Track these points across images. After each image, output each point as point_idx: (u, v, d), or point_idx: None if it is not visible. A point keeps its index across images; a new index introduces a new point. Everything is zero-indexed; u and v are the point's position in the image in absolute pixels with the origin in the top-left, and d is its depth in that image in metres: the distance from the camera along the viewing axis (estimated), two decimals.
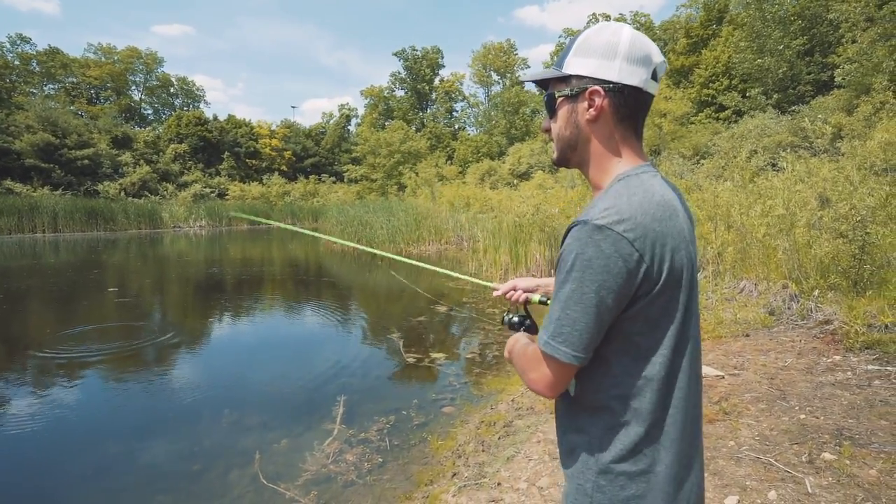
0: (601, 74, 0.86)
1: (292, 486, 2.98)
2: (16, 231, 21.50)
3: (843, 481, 2.40)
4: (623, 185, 0.85)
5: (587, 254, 0.78)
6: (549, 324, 0.84)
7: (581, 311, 0.79)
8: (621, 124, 0.89)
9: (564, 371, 0.85)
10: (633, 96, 0.87)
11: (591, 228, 0.78)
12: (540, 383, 0.88)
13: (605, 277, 0.77)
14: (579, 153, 0.93)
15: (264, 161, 44.48)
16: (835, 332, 4.49)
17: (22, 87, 36.79)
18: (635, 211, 0.79)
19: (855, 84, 14.91)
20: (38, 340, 6.38)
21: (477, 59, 49.19)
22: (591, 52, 0.87)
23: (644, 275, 0.79)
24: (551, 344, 0.83)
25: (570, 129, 0.92)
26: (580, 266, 0.79)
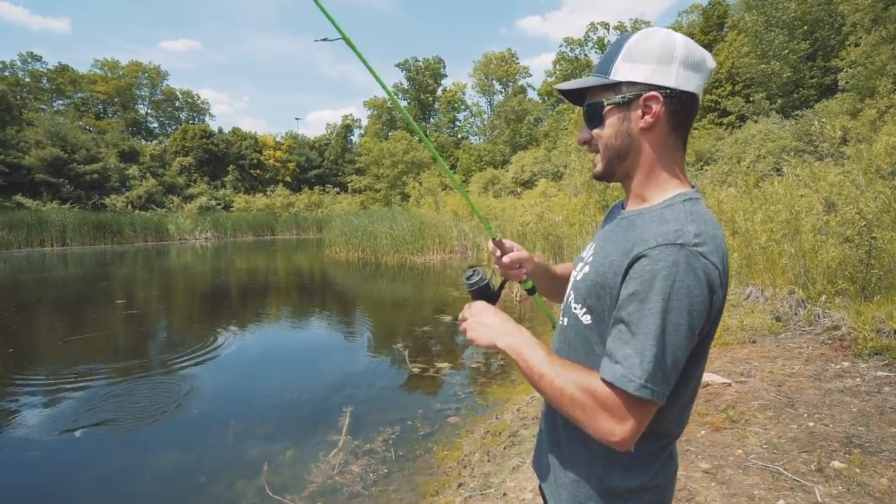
0: (657, 80, 0.81)
1: (298, 497, 2.98)
2: (25, 245, 21.73)
3: (854, 490, 2.37)
4: (692, 208, 0.80)
5: (686, 282, 0.72)
6: (642, 360, 0.72)
7: (675, 344, 0.73)
8: (674, 133, 0.85)
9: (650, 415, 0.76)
10: (689, 103, 0.84)
11: (690, 254, 0.73)
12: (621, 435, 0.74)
13: (700, 310, 0.73)
14: (628, 164, 0.87)
15: (269, 172, 44.84)
16: (843, 337, 4.45)
17: (32, 104, 37.42)
18: (718, 243, 0.77)
19: (859, 88, 14.89)
20: (48, 351, 6.43)
21: (479, 69, 49.55)
22: (644, 57, 0.82)
23: (717, 307, 0.77)
24: (649, 387, 0.72)
25: (620, 139, 0.86)
26: (678, 295, 0.72)
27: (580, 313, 0.90)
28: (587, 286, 0.88)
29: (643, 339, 0.73)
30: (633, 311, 0.74)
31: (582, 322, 0.89)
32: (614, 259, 0.82)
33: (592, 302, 0.86)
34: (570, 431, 0.92)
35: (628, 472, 0.87)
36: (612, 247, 0.86)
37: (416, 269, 14.02)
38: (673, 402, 0.82)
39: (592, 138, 0.90)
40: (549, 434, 0.99)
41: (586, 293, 0.88)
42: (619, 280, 0.79)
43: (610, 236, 0.90)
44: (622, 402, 0.74)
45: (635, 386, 0.73)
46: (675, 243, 0.74)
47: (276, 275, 14.96)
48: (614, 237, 0.88)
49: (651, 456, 0.87)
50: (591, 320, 0.87)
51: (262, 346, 6.53)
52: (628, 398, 0.74)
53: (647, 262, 0.74)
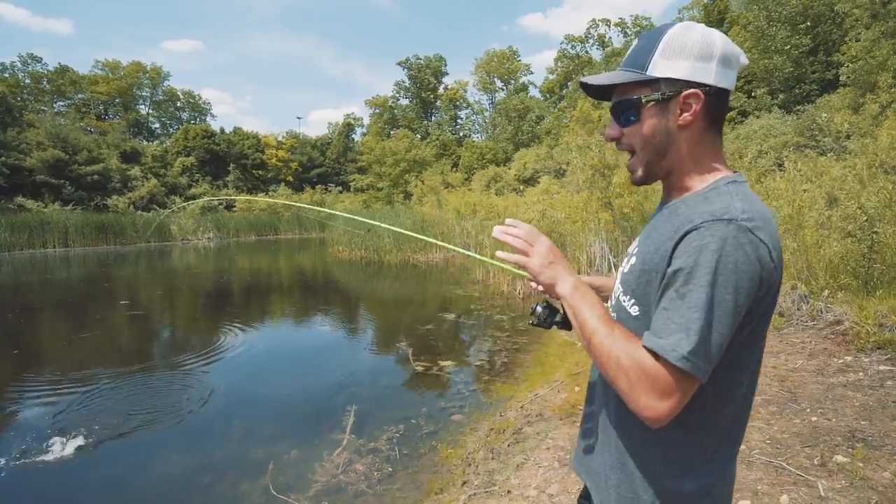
0: (698, 77, 0.80)
1: (303, 496, 3.00)
2: (27, 247, 21.79)
3: (857, 484, 2.38)
4: (737, 189, 0.80)
5: (734, 256, 0.71)
6: (688, 333, 0.71)
7: (721, 319, 0.72)
8: (710, 129, 0.85)
9: (692, 392, 0.74)
10: (725, 99, 0.84)
11: (738, 229, 0.72)
12: (656, 410, 0.73)
13: (748, 286, 0.72)
14: (668, 161, 0.86)
15: (270, 172, 44.88)
16: (846, 332, 4.45)
17: (33, 105, 37.52)
18: (767, 220, 0.76)
19: (860, 82, 14.82)
20: (52, 353, 6.46)
21: (480, 67, 49.49)
22: (684, 53, 0.80)
23: (767, 287, 0.75)
24: (692, 361, 0.71)
25: (660, 136, 0.84)
26: (725, 269, 0.71)
27: (628, 305, 0.89)
28: (635, 276, 0.88)
29: (689, 312, 0.72)
30: (680, 286, 0.74)
31: (630, 314, 0.88)
32: (660, 244, 0.82)
33: (640, 291, 0.86)
34: (623, 429, 0.90)
35: (685, 475, 0.84)
36: (656, 234, 0.86)
37: (419, 268, 14.04)
38: (731, 390, 0.81)
39: (622, 135, 0.88)
40: (601, 431, 0.96)
41: (634, 283, 0.88)
42: (666, 262, 0.78)
43: (655, 225, 0.91)
44: (665, 374, 0.72)
45: (677, 356, 0.71)
46: (722, 219, 0.73)
47: (278, 274, 15.00)
48: (658, 225, 0.88)
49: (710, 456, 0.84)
50: (639, 311, 0.86)
51: (265, 346, 6.56)
52: (671, 370, 0.72)
53: (694, 237, 0.74)
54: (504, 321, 7.28)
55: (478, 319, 7.59)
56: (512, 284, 9.55)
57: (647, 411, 0.73)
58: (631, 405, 0.75)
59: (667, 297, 0.76)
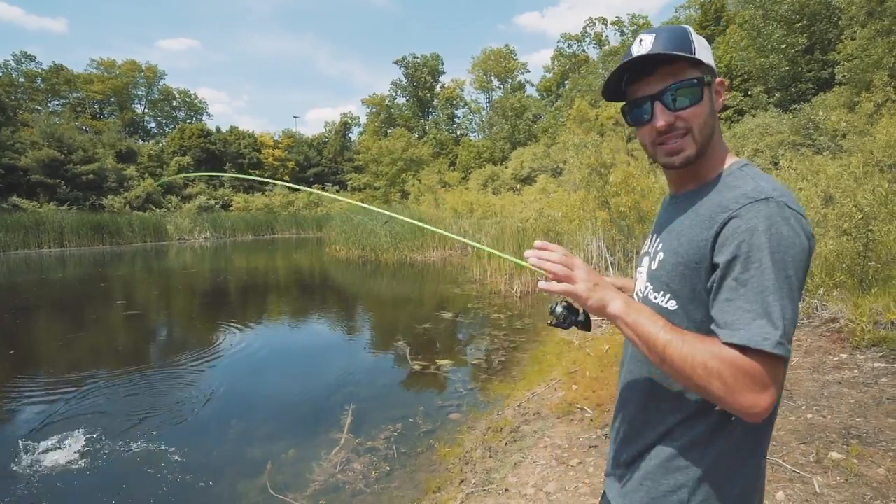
0: (714, 67, 0.87)
1: (301, 496, 3.00)
2: (22, 247, 21.68)
3: (852, 480, 2.39)
4: (752, 171, 0.84)
5: (784, 232, 0.72)
6: (770, 318, 0.70)
7: (790, 296, 0.71)
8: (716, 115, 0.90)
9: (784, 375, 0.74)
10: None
11: (778, 205, 0.73)
12: (765, 400, 0.70)
13: (803, 258, 0.73)
14: (709, 147, 0.88)
15: (267, 171, 44.72)
16: (841, 330, 4.48)
17: (27, 105, 37.28)
18: (792, 196, 0.78)
19: (855, 81, 14.89)
20: (49, 354, 6.43)
21: (477, 65, 49.46)
22: (704, 45, 0.87)
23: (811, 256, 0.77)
24: (784, 344, 0.70)
25: (712, 118, 0.87)
26: (780, 246, 0.71)
27: (664, 301, 0.87)
28: (668, 271, 0.87)
29: (760, 297, 0.70)
30: (739, 273, 0.72)
31: (667, 309, 0.86)
32: (693, 235, 0.82)
33: (677, 285, 0.85)
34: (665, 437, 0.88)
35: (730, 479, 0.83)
36: (683, 226, 0.86)
37: (416, 267, 14.04)
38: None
39: (676, 120, 0.86)
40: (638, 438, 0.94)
41: (668, 278, 0.87)
42: (709, 251, 0.78)
43: (675, 218, 0.91)
44: (762, 367, 0.70)
45: (771, 343, 0.69)
46: (759, 199, 0.74)
47: (276, 274, 14.97)
48: (681, 217, 0.89)
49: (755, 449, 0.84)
50: (678, 305, 0.85)
51: (263, 346, 6.55)
52: (767, 360, 0.70)
53: (739, 222, 0.74)
54: (501, 320, 7.29)
55: (475, 318, 7.60)
56: (509, 283, 9.56)
57: (753, 408, 0.70)
58: (731, 406, 0.72)
59: (726, 287, 0.74)
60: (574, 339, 5.56)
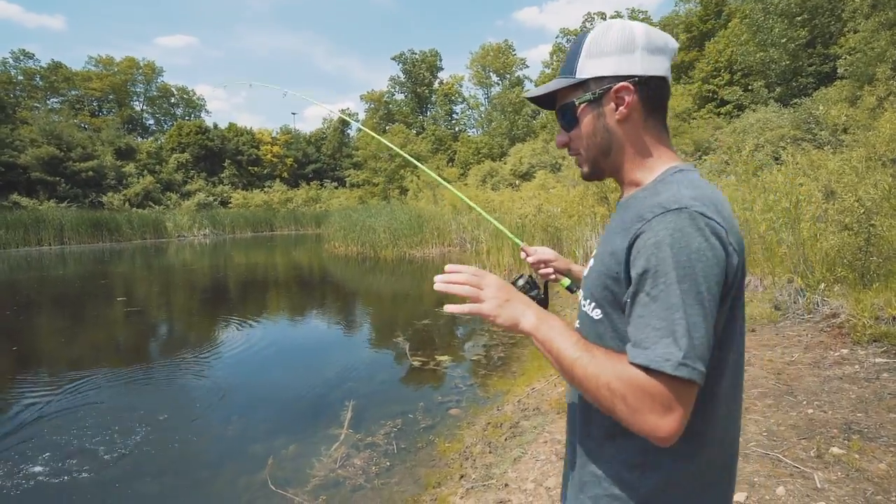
0: (624, 70, 0.80)
1: (301, 491, 2.99)
2: (22, 244, 21.69)
3: (853, 476, 2.39)
4: (685, 178, 0.78)
5: (695, 245, 0.67)
6: (674, 337, 0.66)
7: (702, 314, 0.66)
8: (651, 117, 0.84)
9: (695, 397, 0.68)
10: (660, 87, 0.83)
11: (691, 215, 0.68)
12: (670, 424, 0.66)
13: (717, 271, 0.68)
14: (613, 159, 0.86)
15: (266, 168, 44.68)
16: (842, 325, 4.47)
17: (26, 102, 37.20)
18: (717, 204, 0.73)
19: (858, 74, 14.82)
20: (50, 350, 6.43)
21: (475, 61, 49.24)
22: (606, 50, 0.81)
23: (734, 271, 0.71)
24: (688, 366, 0.65)
25: (600, 135, 0.84)
26: (689, 259, 0.66)
27: (589, 309, 0.85)
28: (592, 279, 0.85)
29: (667, 314, 0.67)
30: (649, 289, 0.69)
31: (592, 318, 0.85)
32: (615, 245, 0.78)
33: (599, 294, 0.82)
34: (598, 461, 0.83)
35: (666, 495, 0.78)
36: (610, 234, 0.84)
37: (415, 263, 14.02)
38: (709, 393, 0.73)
39: (571, 140, 0.89)
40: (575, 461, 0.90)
41: (592, 286, 0.85)
42: (623, 264, 0.75)
43: (609, 225, 0.89)
44: (663, 388, 0.66)
45: (672, 365, 0.65)
46: (671, 209, 0.70)
47: (275, 270, 14.96)
48: (612, 225, 0.86)
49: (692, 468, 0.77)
50: (601, 314, 0.82)
51: (262, 342, 6.54)
52: (669, 381, 0.66)
53: (649, 234, 0.70)
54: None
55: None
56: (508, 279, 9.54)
57: (658, 431, 0.66)
58: (637, 429, 0.68)
59: (638, 303, 0.70)
60: None
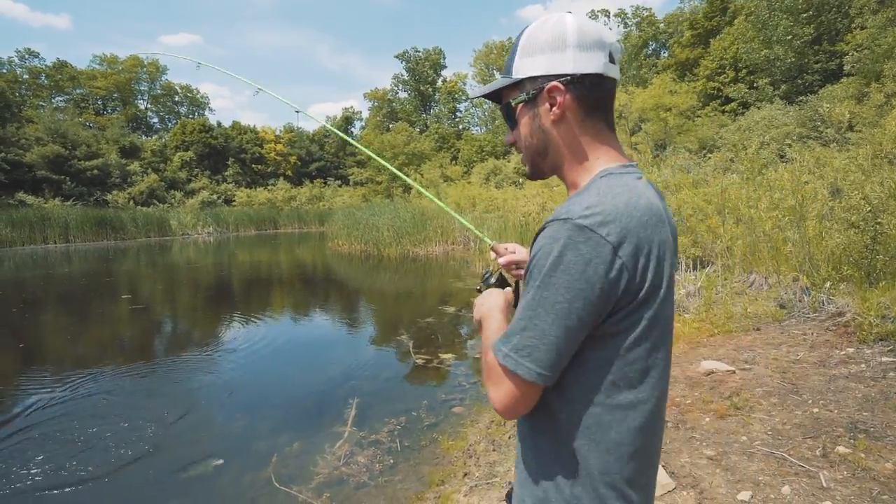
0: (556, 69, 0.78)
1: (305, 488, 3.00)
2: (28, 242, 21.83)
3: (859, 475, 2.37)
4: (606, 182, 0.76)
5: (566, 257, 0.68)
6: (513, 333, 0.73)
7: (552, 321, 0.69)
8: (589, 117, 0.81)
9: (528, 391, 0.73)
10: (596, 84, 0.79)
11: (571, 228, 0.69)
12: (497, 402, 0.74)
13: (584, 286, 0.68)
14: (551, 159, 0.84)
15: (269, 166, 44.76)
16: (848, 324, 4.44)
17: (31, 101, 37.39)
18: (621, 213, 0.70)
19: (865, 71, 14.70)
20: (55, 347, 6.47)
21: (479, 59, 49.14)
22: (538, 49, 0.79)
23: (625, 286, 0.70)
24: (513, 358, 0.71)
25: (536, 136, 0.83)
26: (556, 271, 0.69)
27: None
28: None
29: (521, 312, 0.73)
30: (525, 288, 0.74)
31: None
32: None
33: None
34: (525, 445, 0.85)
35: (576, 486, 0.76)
36: None
37: (418, 261, 14.03)
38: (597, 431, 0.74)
39: (515, 140, 0.88)
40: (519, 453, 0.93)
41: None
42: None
43: None
44: (500, 369, 0.74)
45: (502, 355, 0.73)
46: (560, 219, 0.71)
47: (279, 268, 14.99)
48: None
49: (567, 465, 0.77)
50: None
51: (267, 340, 6.56)
52: (500, 366, 0.74)
53: (538, 241, 0.73)
54: None
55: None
56: None
57: (493, 403, 0.76)
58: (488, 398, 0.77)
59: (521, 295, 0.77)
60: None
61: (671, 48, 32.84)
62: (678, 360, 4.24)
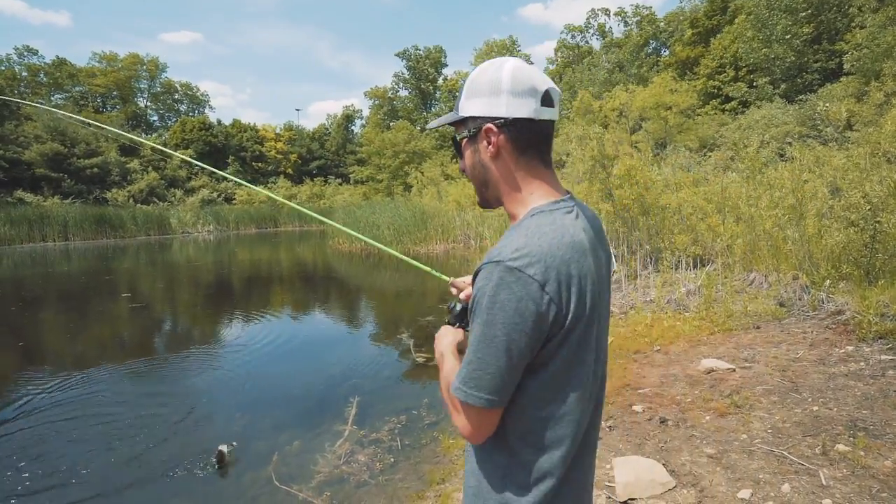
0: (491, 112, 0.86)
1: (305, 487, 3.01)
2: (27, 240, 21.81)
3: (858, 473, 2.38)
4: (535, 221, 0.84)
5: (500, 296, 0.76)
6: (462, 368, 0.82)
7: (493, 354, 0.78)
8: (524, 156, 0.88)
9: (483, 416, 0.82)
10: (527, 127, 0.86)
11: (503, 270, 0.77)
12: (462, 429, 0.85)
13: (517, 321, 0.76)
14: (492, 191, 0.93)
15: (270, 164, 44.72)
16: (847, 322, 4.45)
17: (30, 99, 37.30)
18: (545, 254, 0.78)
19: (864, 70, 14.68)
20: (55, 346, 6.48)
21: (480, 57, 49.02)
22: (478, 92, 0.88)
23: (554, 318, 0.78)
24: (463, 390, 0.81)
25: (477, 169, 0.92)
26: (493, 309, 0.77)
27: None
28: None
29: (470, 349, 0.81)
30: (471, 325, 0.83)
31: None
32: None
33: None
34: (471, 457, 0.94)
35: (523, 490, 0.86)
36: None
37: (419, 260, 13.96)
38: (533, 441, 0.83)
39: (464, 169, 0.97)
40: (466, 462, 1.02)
41: None
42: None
43: None
44: (458, 401, 0.83)
45: (454, 387, 0.82)
46: (493, 261, 0.79)
47: (279, 267, 14.99)
48: None
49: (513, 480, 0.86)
50: None
51: (267, 339, 6.57)
52: (456, 398, 0.83)
53: (476, 281, 0.82)
54: None
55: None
56: None
57: (459, 430, 0.86)
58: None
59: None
60: None
61: (672, 47, 32.80)
62: (678, 359, 4.25)
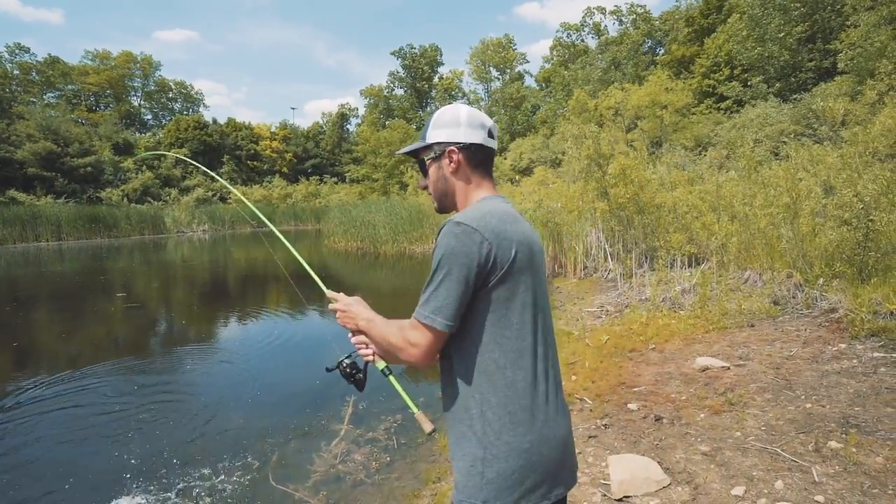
0: (453, 138, 1.18)
1: (302, 487, 3.01)
2: (20, 240, 21.62)
3: (850, 469, 2.40)
4: (477, 203, 1.16)
5: (451, 244, 1.04)
6: (427, 301, 1.05)
7: (449, 287, 1.03)
8: (475, 171, 1.21)
9: (438, 340, 1.06)
10: (479, 150, 1.19)
11: (452, 224, 1.06)
12: (418, 354, 1.08)
13: (465, 260, 1.02)
14: (450, 198, 1.23)
15: (265, 163, 44.56)
16: (840, 320, 4.48)
17: (22, 97, 36.95)
18: (484, 214, 1.08)
19: (858, 69, 14.78)
20: (49, 346, 6.43)
21: (475, 56, 49.02)
22: (443, 124, 1.19)
23: (494, 259, 1.04)
24: (431, 317, 1.04)
25: (440, 182, 1.22)
26: (447, 253, 1.03)
27: None
28: None
29: (429, 287, 1.06)
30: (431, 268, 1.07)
31: None
32: None
33: None
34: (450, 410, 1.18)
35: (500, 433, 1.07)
36: None
37: (415, 258, 14.02)
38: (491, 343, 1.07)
39: (427, 185, 1.27)
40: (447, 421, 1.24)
41: None
42: None
43: None
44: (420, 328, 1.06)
45: (423, 316, 1.05)
46: (447, 222, 1.07)
47: (275, 266, 14.95)
48: None
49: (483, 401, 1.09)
50: None
51: (262, 338, 6.55)
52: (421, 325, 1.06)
53: (439, 236, 1.08)
54: None
55: None
56: None
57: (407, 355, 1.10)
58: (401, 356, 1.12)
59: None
60: (573, 330, 5.56)
61: (668, 45, 32.89)
62: (673, 357, 4.27)
